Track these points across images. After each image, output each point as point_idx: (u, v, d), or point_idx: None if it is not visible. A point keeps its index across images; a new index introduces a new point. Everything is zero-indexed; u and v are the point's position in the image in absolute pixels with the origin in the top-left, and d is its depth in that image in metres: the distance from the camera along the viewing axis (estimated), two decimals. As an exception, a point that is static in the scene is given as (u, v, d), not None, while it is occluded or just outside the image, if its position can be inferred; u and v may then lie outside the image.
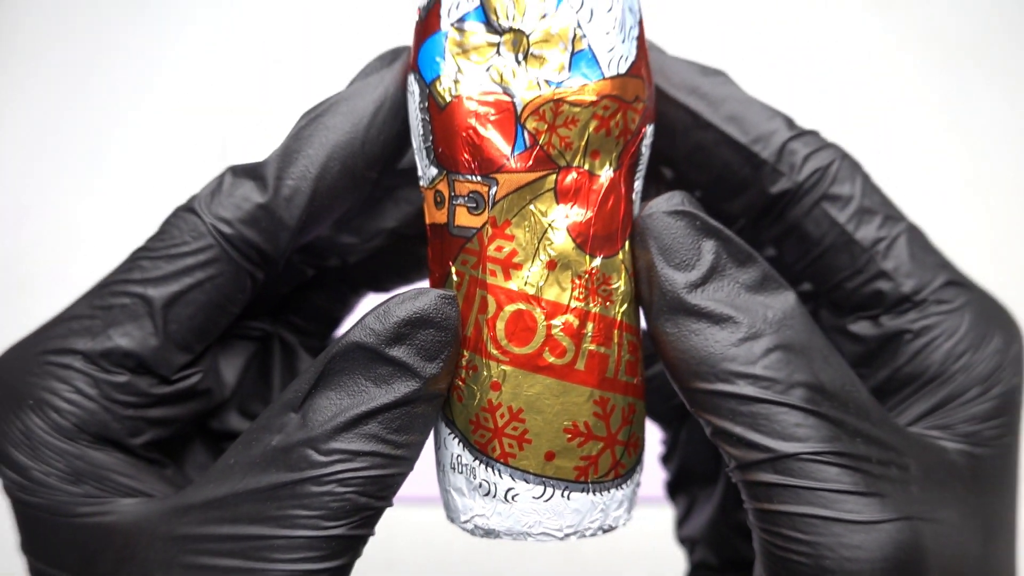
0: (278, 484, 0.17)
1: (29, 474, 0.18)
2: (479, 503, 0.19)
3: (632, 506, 0.20)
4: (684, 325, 0.18)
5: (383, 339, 0.17)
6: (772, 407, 0.17)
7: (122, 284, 0.18)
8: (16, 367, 0.19)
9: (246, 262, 0.19)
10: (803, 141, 0.20)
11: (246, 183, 0.19)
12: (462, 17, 0.18)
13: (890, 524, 0.16)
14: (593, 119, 0.18)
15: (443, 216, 0.18)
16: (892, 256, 0.19)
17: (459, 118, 0.18)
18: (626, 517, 0.20)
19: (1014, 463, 0.20)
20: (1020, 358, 0.19)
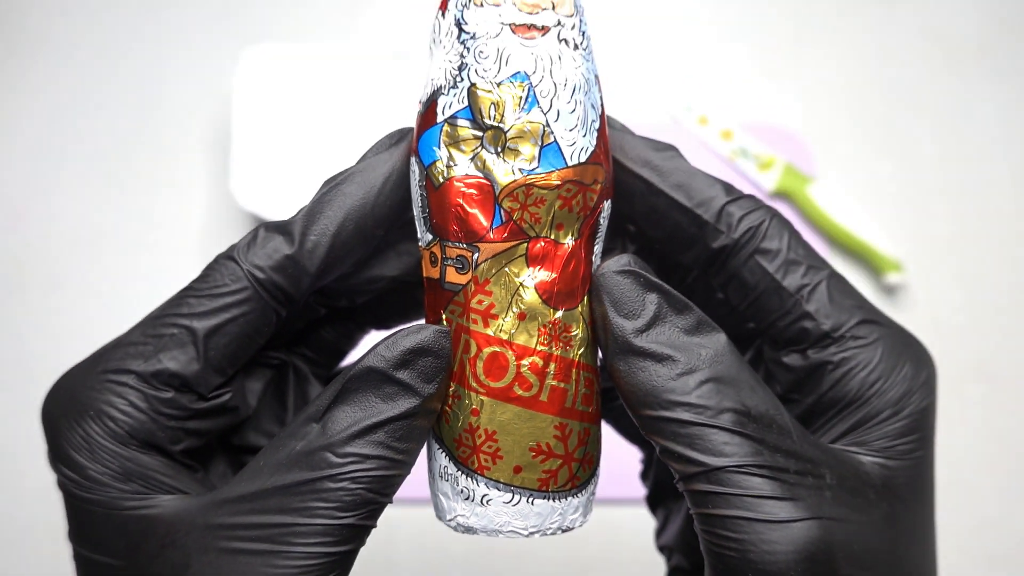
0: (301, 481, 0.21)
1: (85, 473, 0.22)
2: (461, 505, 0.23)
3: (588, 511, 0.24)
4: (633, 363, 0.22)
5: (391, 364, 0.21)
6: (704, 429, 0.21)
7: (172, 317, 0.23)
8: (79, 383, 0.23)
9: (273, 301, 0.23)
10: (738, 204, 0.24)
11: (277, 237, 0.23)
12: (454, 115, 0.22)
13: (803, 523, 0.20)
14: (558, 199, 0.22)
15: (436, 273, 0.23)
16: (814, 300, 0.23)
17: (450, 197, 0.22)
18: (581, 520, 0.24)
19: (928, 475, 0.23)
20: (930, 383, 0.23)
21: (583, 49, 0.23)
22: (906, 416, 0.23)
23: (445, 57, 0.22)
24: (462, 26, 0.22)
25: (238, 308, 0.23)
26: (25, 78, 0.66)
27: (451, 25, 0.22)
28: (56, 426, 0.23)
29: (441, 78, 0.22)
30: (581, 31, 0.23)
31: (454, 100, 0.22)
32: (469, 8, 0.22)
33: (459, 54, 0.22)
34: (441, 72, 0.22)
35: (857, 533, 0.21)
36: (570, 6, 0.23)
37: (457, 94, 0.22)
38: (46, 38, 0.68)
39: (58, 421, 0.23)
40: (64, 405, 0.23)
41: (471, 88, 0.22)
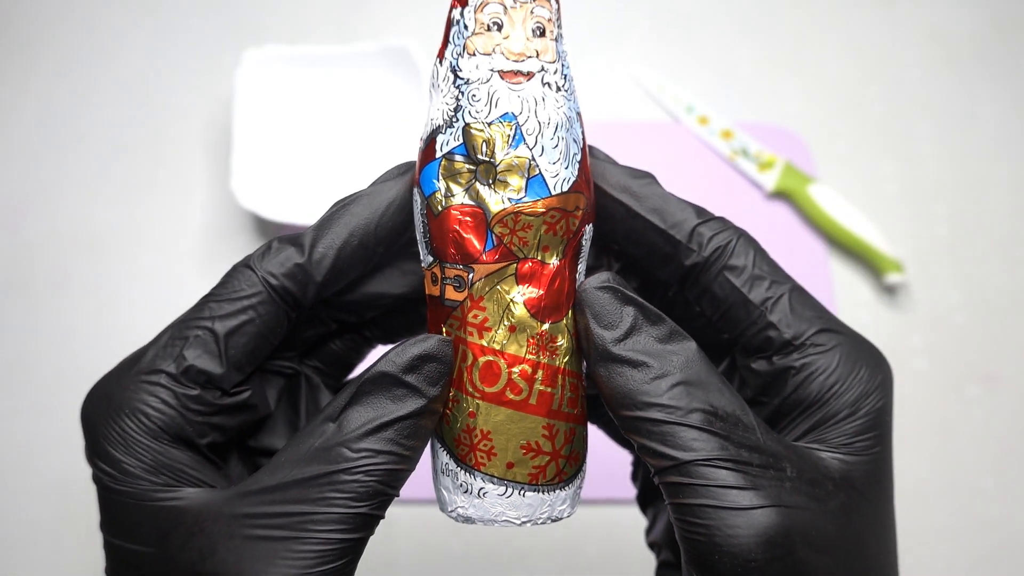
0: (319, 474, 0.23)
1: (120, 467, 0.24)
2: (460, 498, 0.26)
3: (575, 503, 0.27)
4: (612, 369, 0.24)
5: (400, 368, 0.24)
6: (675, 427, 0.23)
7: (195, 320, 0.25)
8: (115, 385, 0.25)
9: (285, 305, 0.26)
10: (708, 226, 0.26)
11: (289, 248, 0.26)
12: (451, 151, 0.25)
13: (764, 510, 0.22)
14: (543, 225, 0.25)
15: (437, 290, 0.25)
16: (777, 311, 0.25)
17: (448, 224, 0.25)
18: (569, 511, 0.27)
19: (885, 469, 0.25)
20: (885, 384, 0.25)
21: (565, 90, 0.25)
22: (863, 415, 0.25)
23: (442, 100, 0.25)
24: (457, 72, 0.25)
25: (254, 311, 0.25)
26: (26, 78, 0.66)
27: (447, 71, 0.25)
28: (95, 425, 0.24)
29: (439, 118, 0.25)
30: (563, 74, 0.26)
31: (451, 138, 0.25)
32: (463, 57, 0.25)
33: (455, 97, 0.25)
34: (439, 113, 0.25)
35: (814, 520, 0.23)
36: (552, 53, 0.25)
37: (453, 133, 0.25)
38: (47, 39, 0.68)
39: (96, 420, 0.24)
40: (102, 406, 0.25)
41: (465, 127, 0.25)
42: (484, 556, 0.53)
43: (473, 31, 0.25)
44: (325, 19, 0.68)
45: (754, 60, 0.68)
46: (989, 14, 0.70)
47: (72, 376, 0.57)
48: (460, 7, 0.25)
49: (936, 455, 0.56)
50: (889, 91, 0.67)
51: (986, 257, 0.62)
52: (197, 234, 0.61)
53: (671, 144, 0.64)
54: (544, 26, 0.25)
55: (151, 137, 0.64)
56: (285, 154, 0.62)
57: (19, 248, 0.61)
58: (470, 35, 0.25)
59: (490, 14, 0.25)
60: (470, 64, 0.25)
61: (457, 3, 0.26)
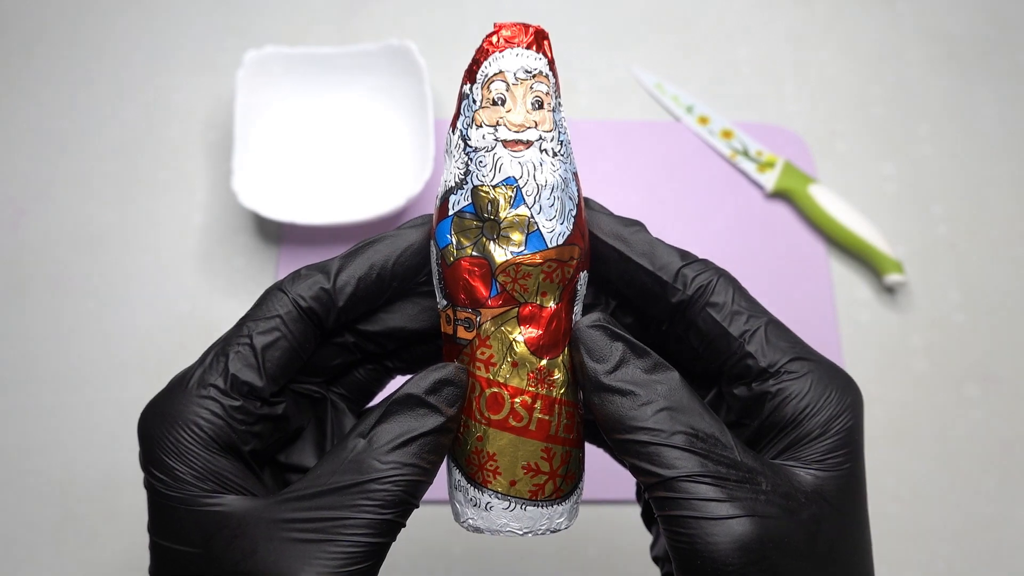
0: (352, 483, 0.26)
1: (173, 474, 0.27)
2: (470, 510, 0.29)
3: (572, 516, 0.30)
4: (604, 398, 0.27)
5: (424, 390, 0.28)
6: (660, 448, 0.26)
7: (236, 338, 0.28)
8: (169, 400, 0.28)
9: (312, 324, 0.29)
10: (691, 268, 0.29)
11: (317, 274, 0.29)
12: (461, 209, 0.28)
13: (739, 519, 0.25)
14: (541, 274, 0.28)
15: (450, 329, 0.29)
16: (754, 342, 0.28)
17: (459, 273, 0.28)
18: (566, 523, 0.30)
19: (856, 483, 0.27)
20: (855, 406, 0.28)
21: (561, 155, 0.29)
22: (833, 435, 0.27)
23: (455, 164, 0.29)
24: (467, 141, 0.29)
25: (286, 328, 0.28)
26: (26, 78, 0.66)
27: (459, 139, 0.29)
28: (151, 437, 0.27)
29: (452, 180, 0.29)
30: (560, 140, 0.29)
31: (461, 198, 0.28)
32: (471, 128, 0.29)
33: (465, 163, 0.28)
34: (452, 176, 0.29)
35: (787, 529, 0.25)
36: (550, 123, 0.29)
37: (464, 194, 0.28)
38: (47, 39, 0.68)
39: (152, 432, 0.27)
40: (158, 419, 0.27)
41: (474, 189, 0.28)
42: (484, 556, 0.53)
43: (480, 104, 0.29)
44: (325, 19, 0.68)
45: (754, 60, 0.68)
46: (989, 14, 0.70)
47: (72, 376, 0.57)
48: (469, 83, 0.29)
49: (936, 455, 0.56)
50: (889, 91, 0.67)
51: (986, 257, 0.62)
52: (197, 234, 0.61)
53: (671, 144, 0.64)
54: (542, 99, 0.29)
55: (151, 137, 0.64)
56: (285, 154, 0.62)
57: (19, 248, 0.61)
58: (478, 108, 0.29)
59: (495, 90, 0.28)
60: (478, 134, 0.28)
61: (467, 79, 0.29)
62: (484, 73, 0.29)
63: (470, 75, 0.29)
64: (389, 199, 0.58)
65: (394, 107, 0.63)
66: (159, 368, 0.57)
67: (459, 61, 0.67)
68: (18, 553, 0.53)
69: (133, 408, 0.57)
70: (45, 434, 0.56)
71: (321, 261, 0.30)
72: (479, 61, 0.29)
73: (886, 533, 0.54)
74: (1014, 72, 0.68)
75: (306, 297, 0.29)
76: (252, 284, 0.60)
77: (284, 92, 0.62)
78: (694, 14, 0.70)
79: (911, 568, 0.54)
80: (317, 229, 0.60)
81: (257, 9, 0.69)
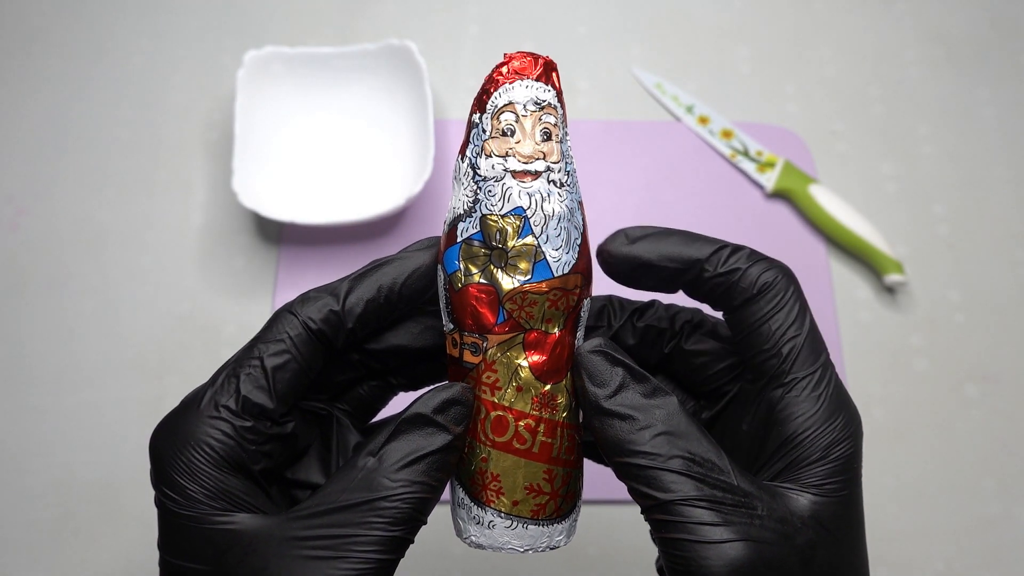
0: (362, 501, 0.27)
1: (185, 493, 0.27)
2: (473, 528, 0.30)
3: (571, 534, 0.31)
4: (604, 422, 0.28)
5: (432, 409, 0.28)
6: (658, 471, 0.26)
7: (247, 360, 0.29)
8: (181, 421, 0.28)
9: (320, 345, 0.29)
10: (757, 267, 0.29)
11: (326, 296, 0.30)
12: (470, 237, 0.29)
13: (733, 543, 0.25)
14: (547, 301, 0.29)
15: (456, 352, 0.30)
16: (788, 346, 0.28)
17: (467, 299, 0.29)
18: (565, 540, 0.31)
19: (853, 510, 0.28)
20: (856, 434, 0.28)
21: (568, 185, 0.29)
22: (833, 460, 0.27)
23: (463, 192, 0.29)
24: (476, 170, 0.29)
25: (296, 349, 0.29)
26: (26, 78, 0.66)
27: (468, 168, 0.29)
28: (163, 456, 0.28)
29: (461, 208, 0.29)
30: (566, 171, 0.29)
31: (470, 226, 0.29)
32: (481, 157, 0.29)
33: (474, 191, 0.29)
34: (461, 203, 0.29)
35: (781, 553, 0.26)
36: (557, 154, 0.29)
37: (472, 222, 0.29)
38: (47, 39, 0.68)
39: (164, 452, 0.28)
40: (169, 439, 0.28)
41: (483, 218, 0.29)
42: (484, 557, 0.53)
43: (490, 134, 0.29)
44: (325, 20, 0.68)
45: (754, 60, 0.68)
46: (989, 14, 0.70)
47: (72, 376, 0.57)
48: (479, 112, 0.29)
49: (936, 455, 0.56)
50: (889, 91, 0.67)
51: (986, 257, 0.62)
52: (197, 234, 0.61)
53: (671, 144, 0.64)
54: (551, 131, 0.29)
55: (152, 137, 0.64)
56: (285, 154, 0.62)
57: (19, 248, 0.61)
58: (487, 138, 0.29)
59: (504, 121, 0.29)
60: (487, 164, 0.29)
61: (476, 108, 0.29)
62: (494, 104, 0.29)
63: (480, 104, 0.29)
64: (389, 199, 0.58)
65: (394, 107, 0.63)
66: (159, 368, 0.57)
67: (459, 61, 0.67)
68: (18, 553, 0.53)
69: (133, 408, 0.56)
70: (45, 434, 0.56)
71: (329, 283, 0.30)
72: (489, 91, 0.29)
73: (886, 533, 0.54)
74: (1014, 72, 0.68)
75: (316, 319, 0.29)
76: (252, 284, 0.60)
77: (284, 92, 0.62)
78: (694, 14, 0.70)
79: (911, 568, 0.54)
80: (317, 229, 0.60)
81: (257, 9, 0.69)
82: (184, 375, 0.57)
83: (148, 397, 0.57)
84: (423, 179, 0.56)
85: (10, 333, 0.59)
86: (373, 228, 0.61)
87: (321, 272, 0.59)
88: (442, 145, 0.63)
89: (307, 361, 0.29)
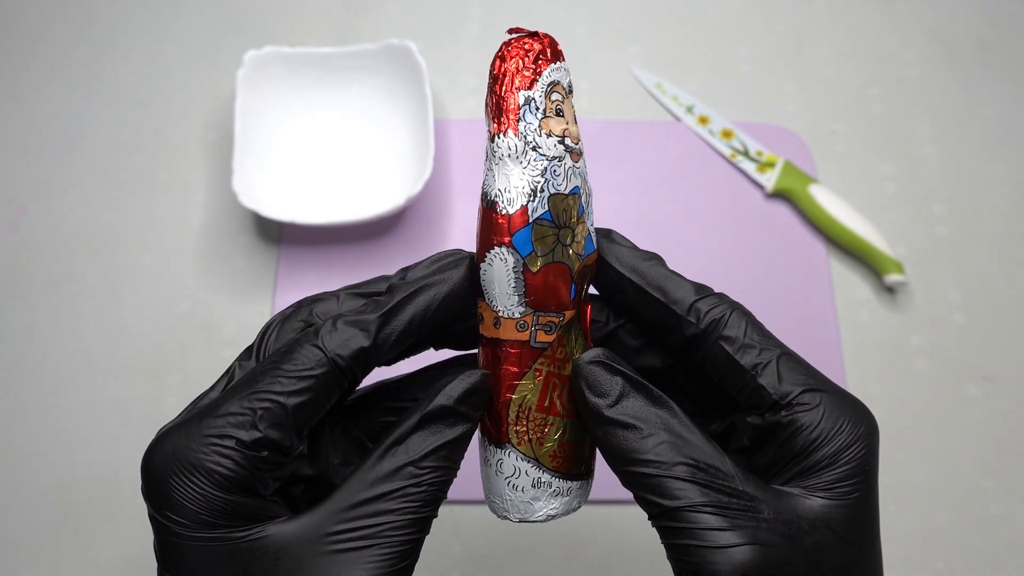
0: (393, 489, 0.28)
1: (198, 518, 0.26)
2: (555, 501, 0.31)
3: None
4: (607, 430, 0.28)
5: (454, 400, 0.29)
6: (663, 479, 0.27)
7: (266, 393, 0.28)
8: (183, 444, 0.27)
9: (345, 380, 0.29)
10: (705, 302, 0.30)
11: (355, 331, 0.29)
12: (539, 217, 0.29)
13: (740, 547, 0.26)
14: (590, 273, 0.31)
15: (525, 336, 0.30)
16: (766, 375, 0.29)
17: (547, 279, 0.29)
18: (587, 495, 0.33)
19: (866, 513, 0.28)
20: (869, 435, 0.28)
21: None
22: (843, 464, 0.28)
23: (525, 171, 0.29)
24: (538, 149, 0.29)
25: (321, 388, 0.28)
26: (26, 78, 0.66)
27: (526, 147, 0.29)
28: (162, 479, 0.27)
29: (526, 187, 0.29)
30: None
31: (538, 206, 0.29)
32: (541, 135, 0.29)
33: (540, 171, 0.29)
34: (524, 183, 0.29)
35: (788, 556, 0.26)
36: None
37: (541, 201, 0.29)
38: (47, 39, 0.68)
39: (165, 474, 0.27)
40: (170, 462, 0.27)
41: (551, 197, 0.29)
42: (484, 557, 0.53)
43: (544, 114, 0.29)
44: (325, 20, 0.68)
45: (754, 60, 0.68)
46: (989, 14, 0.70)
47: (72, 376, 0.57)
48: (527, 89, 0.29)
49: (936, 455, 0.56)
50: (889, 91, 0.67)
51: (986, 257, 0.62)
52: (197, 234, 0.61)
53: (671, 144, 0.64)
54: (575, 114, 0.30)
55: (151, 137, 0.64)
56: (285, 154, 0.62)
57: (19, 248, 0.61)
58: (543, 117, 0.29)
59: (555, 101, 0.29)
60: (549, 143, 0.29)
61: (525, 85, 0.29)
62: (544, 82, 0.29)
63: (528, 82, 0.29)
64: (389, 199, 0.58)
65: (394, 107, 0.63)
66: (159, 368, 0.57)
67: (459, 61, 0.67)
68: (18, 553, 0.53)
69: (133, 408, 0.56)
70: (45, 434, 0.56)
71: (358, 314, 0.29)
72: (538, 70, 0.29)
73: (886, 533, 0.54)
74: (1014, 72, 0.68)
75: (344, 356, 0.29)
76: (252, 284, 0.60)
77: (284, 92, 0.62)
78: (694, 14, 0.70)
79: (911, 568, 0.54)
80: (317, 229, 0.60)
81: (257, 9, 0.69)
82: (184, 375, 0.57)
83: (148, 397, 0.57)
84: (423, 179, 0.56)
85: (10, 333, 0.59)
86: (373, 228, 0.61)
87: (321, 272, 0.59)
88: (442, 145, 0.63)
89: (329, 397, 0.29)
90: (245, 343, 0.58)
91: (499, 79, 0.29)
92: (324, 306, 0.31)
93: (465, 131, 0.64)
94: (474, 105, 0.65)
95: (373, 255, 0.60)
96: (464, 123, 0.64)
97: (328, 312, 0.31)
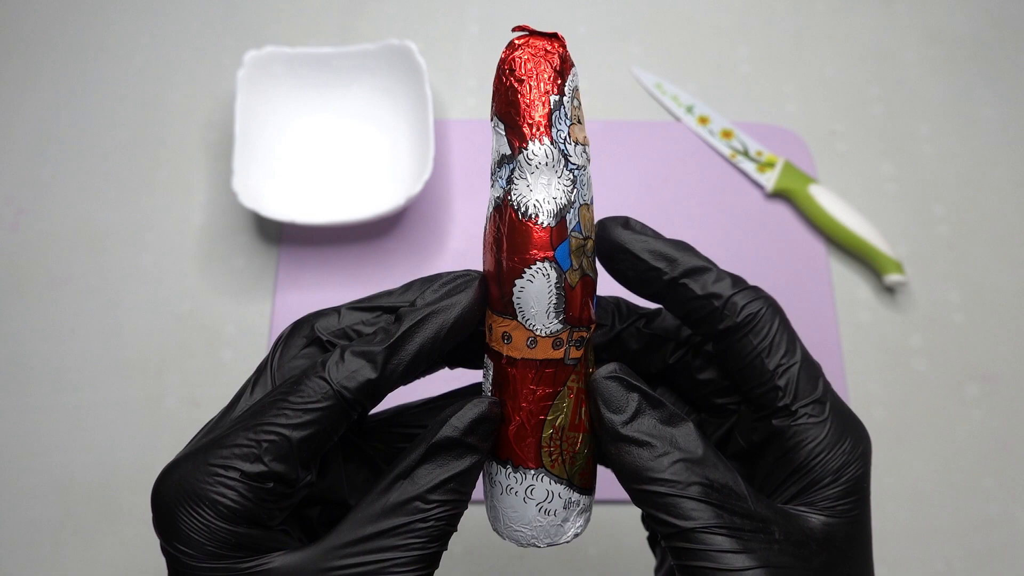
0: (399, 525, 0.27)
1: (204, 549, 0.26)
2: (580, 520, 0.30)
3: None
4: (621, 448, 0.27)
5: (462, 432, 0.28)
6: (677, 499, 0.26)
7: (272, 425, 0.27)
8: (189, 475, 0.27)
9: (354, 413, 0.28)
10: (742, 296, 0.29)
11: (362, 363, 0.28)
12: (574, 228, 0.28)
13: (754, 570, 0.25)
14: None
15: (559, 354, 0.29)
16: (784, 378, 0.28)
17: (584, 293, 0.28)
18: None
19: (863, 529, 0.28)
20: (865, 455, 0.28)
21: None
22: (844, 482, 0.28)
23: (560, 181, 0.28)
24: (568, 158, 0.28)
25: (327, 420, 0.28)
26: (26, 78, 0.66)
27: (559, 155, 0.28)
28: (170, 509, 0.27)
29: (561, 199, 0.28)
30: None
31: (572, 216, 0.28)
32: (569, 144, 0.28)
33: (571, 180, 0.28)
34: (561, 192, 0.28)
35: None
36: None
37: (574, 211, 0.28)
38: (47, 39, 0.68)
39: (172, 506, 0.27)
40: (176, 493, 0.27)
41: (581, 207, 0.28)
42: (484, 557, 0.53)
43: (571, 120, 0.28)
44: (325, 20, 0.68)
45: (754, 60, 0.68)
46: (989, 14, 0.70)
47: (72, 376, 0.57)
48: (558, 94, 0.28)
49: (936, 455, 0.56)
50: (889, 91, 0.67)
51: (986, 257, 0.62)
52: (197, 234, 0.61)
53: (671, 144, 0.64)
54: None
55: (151, 137, 0.64)
56: (285, 154, 0.62)
57: (19, 248, 0.61)
58: (571, 124, 0.28)
59: (576, 107, 0.28)
60: (577, 151, 0.28)
61: (556, 90, 0.28)
62: (570, 87, 0.28)
63: (557, 87, 0.28)
64: (389, 199, 0.58)
65: (394, 107, 0.63)
66: (159, 368, 0.57)
67: (459, 61, 0.67)
68: (18, 553, 0.53)
69: (133, 408, 0.56)
70: (45, 434, 0.56)
71: (365, 344, 0.29)
72: (564, 74, 0.28)
73: (886, 533, 0.54)
74: (1014, 72, 0.68)
75: (351, 388, 0.28)
76: (252, 284, 0.60)
77: (284, 92, 0.62)
78: (694, 14, 0.70)
79: (911, 568, 0.54)
80: (317, 229, 0.60)
81: (257, 9, 0.69)
82: (184, 375, 0.57)
83: (148, 397, 0.57)
84: (423, 179, 0.56)
85: (10, 333, 0.59)
86: (373, 228, 0.61)
87: (321, 272, 0.59)
88: (442, 145, 0.63)
89: (335, 429, 0.28)
90: (245, 343, 0.58)
91: (524, 81, 0.28)
92: (325, 321, 0.30)
93: (465, 131, 0.64)
94: (474, 105, 0.65)
95: (373, 255, 0.60)
96: (464, 123, 0.64)
97: (328, 327, 0.30)
